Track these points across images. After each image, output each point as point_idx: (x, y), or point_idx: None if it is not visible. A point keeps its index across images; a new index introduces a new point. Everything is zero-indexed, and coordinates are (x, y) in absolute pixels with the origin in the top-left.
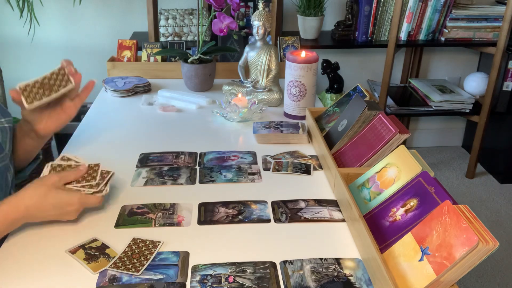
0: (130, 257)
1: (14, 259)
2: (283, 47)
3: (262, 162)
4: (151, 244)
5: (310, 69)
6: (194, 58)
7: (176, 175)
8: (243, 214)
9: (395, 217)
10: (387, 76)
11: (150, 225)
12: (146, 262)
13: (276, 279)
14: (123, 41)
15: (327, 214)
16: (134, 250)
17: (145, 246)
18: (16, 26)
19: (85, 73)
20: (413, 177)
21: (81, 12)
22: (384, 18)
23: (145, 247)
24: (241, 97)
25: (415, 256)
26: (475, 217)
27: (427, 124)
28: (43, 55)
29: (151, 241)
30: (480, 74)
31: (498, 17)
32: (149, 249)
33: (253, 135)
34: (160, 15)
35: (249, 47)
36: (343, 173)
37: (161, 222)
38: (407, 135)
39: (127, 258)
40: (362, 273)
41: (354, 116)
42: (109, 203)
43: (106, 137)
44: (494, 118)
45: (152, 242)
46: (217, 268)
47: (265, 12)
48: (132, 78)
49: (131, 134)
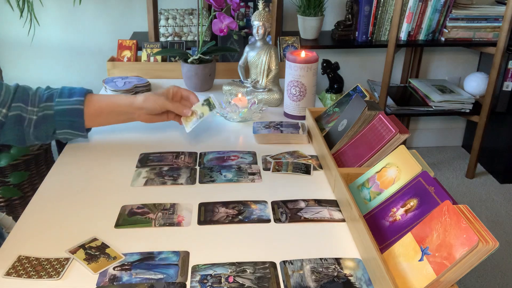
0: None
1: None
2: (283, 47)
3: (262, 162)
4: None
5: (310, 69)
6: (194, 58)
7: (176, 175)
8: (243, 214)
9: (395, 217)
10: (387, 76)
11: (150, 225)
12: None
13: (276, 279)
14: (123, 41)
15: (327, 214)
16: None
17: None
18: (16, 26)
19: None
20: (413, 177)
21: (81, 12)
22: (384, 18)
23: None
24: (241, 97)
25: (415, 256)
26: (475, 217)
27: (427, 124)
28: (43, 55)
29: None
30: (480, 74)
31: (498, 17)
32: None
33: (253, 135)
34: (160, 15)
35: (249, 47)
36: (343, 173)
37: (161, 222)
38: (407, 135)
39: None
40: (362, 273)
41: (354, 116)
42: (109, 203)
43: (106, 137)
44: (494, 118)
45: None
46: (217, 268)
47: (265, 12)
48: (132, 78)
49: (131, 134)
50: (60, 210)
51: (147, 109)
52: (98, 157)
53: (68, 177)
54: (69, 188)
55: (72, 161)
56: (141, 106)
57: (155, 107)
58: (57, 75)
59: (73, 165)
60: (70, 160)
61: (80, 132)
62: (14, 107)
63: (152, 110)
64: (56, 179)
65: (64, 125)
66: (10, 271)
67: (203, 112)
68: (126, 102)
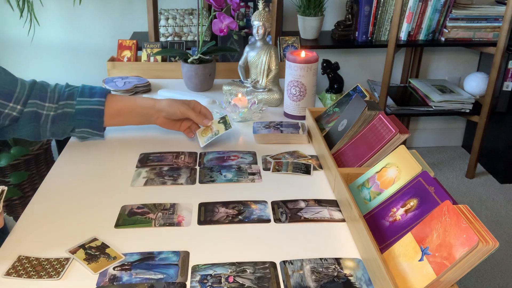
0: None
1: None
2: (283, 47)
3: (262, 162)
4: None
5: (310, 69)
6: (194, 58)
7: (176, 175)
8: (243, 214)
9: (395, 217)
10: (387, 76)
11: (150, 225)
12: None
13: (276, 279)
14: (123, 41)
15: (327, 214)
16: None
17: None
18: (16, 26)
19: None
20: (413, 177)
21: (81, 12)
22: (384, 18)
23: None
24: (241, 97)
25: (415, 256)
26: (475, 217)
27: (427, 124)
28: (43, 55)
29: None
30: (480, 74)
31: (498, 17)
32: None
33: (253, 135)
34: (160, 15)
35: (249, 47)
36: (343, 173)
37: (161, 222)
38: (407, 135)
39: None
40: (362, 273)
41: (354, 116)
42: (109, 203)
43: (106, 137)
44: (494, 118)
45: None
46: (217, 268)
47: (265, 12)
48: (132, 78)
49: (131, 134)
50: (60, 210)
51: (167, 112)
52: (98, 157)
53: (68, 177)
54: (69, 188)
55: (72, 161)
56: (163, 109)
57: (176, 112)
58: (57, 75)
59: (73, 165)
60: (70, 160)
61: (98, 132)
62: (30, 104)
63: (173, 114)
64: (56, 179)
65: (84, 124)
66: (10, 271)
67: (219, 129)
68: (148, 104)
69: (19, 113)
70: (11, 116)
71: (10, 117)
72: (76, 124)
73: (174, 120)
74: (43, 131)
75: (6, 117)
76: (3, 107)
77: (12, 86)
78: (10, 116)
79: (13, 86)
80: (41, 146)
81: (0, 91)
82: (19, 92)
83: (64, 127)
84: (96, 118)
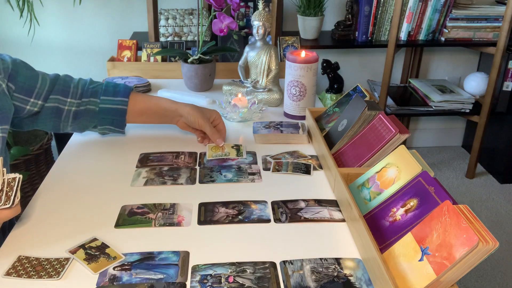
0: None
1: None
2: (283, 47)
3: (262, 162)
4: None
5: (310, 69)
6: (194, 58)
7: (176, 175)
8: (243, 214)
9: (395, 217)
10: (387, 76)
11: (150, 225)
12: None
13: (276, 279)
14: (123, 41)
15: (327, 214)
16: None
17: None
18: (16, 26)
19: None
20: (413, 177)
21: (81, 12)
22: (384, 18)
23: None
24: (241, 97)
25: (415, 256)
26: (475, 217)
27: (427, 124)
28: (43, 55)
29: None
30: (480, 74)
31: (498, 17)
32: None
33: (253, 135)
34: (160, 15)
35: (249, 47)
36: (343, 173)
37: (161, 222)
38: (407, 135)
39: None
40: (362, 273)
41: (354, 116)
42: (109, 203)
43: (106, 137)
44: (494, 118)
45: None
46: (217, 268)
47: (265, 12)
48: (132, 78)
49: (131, 134)
50: (60, 210)
51: (187, 119)
52: (98, 157)
53: (68, 177)
54: (69, 188)
55: (72, 161)
56: (184, 115)
57: (195, 122)
58: None
59: (73, 165)
60: (70, 160)
61: (120, 129)
62: (52, 99)
63: (191, 123)
64: (56, 179)
65: (106, 122)
66: (10, 271)
67: (230, 152)
68: (171, 108)
69: (40, 107)
70: (33, 111)
71: (31, 112)
72: (99, 122)
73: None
74: (64, 126)
75: (28, 112)
76: (25, 103)
77: (33, 82)
78: (32, 111)
79: (34, 81)
80: (41, 146)
81: (21, 86)
82: (40, 87)
83: (86, 123)
84: (119, 117)
